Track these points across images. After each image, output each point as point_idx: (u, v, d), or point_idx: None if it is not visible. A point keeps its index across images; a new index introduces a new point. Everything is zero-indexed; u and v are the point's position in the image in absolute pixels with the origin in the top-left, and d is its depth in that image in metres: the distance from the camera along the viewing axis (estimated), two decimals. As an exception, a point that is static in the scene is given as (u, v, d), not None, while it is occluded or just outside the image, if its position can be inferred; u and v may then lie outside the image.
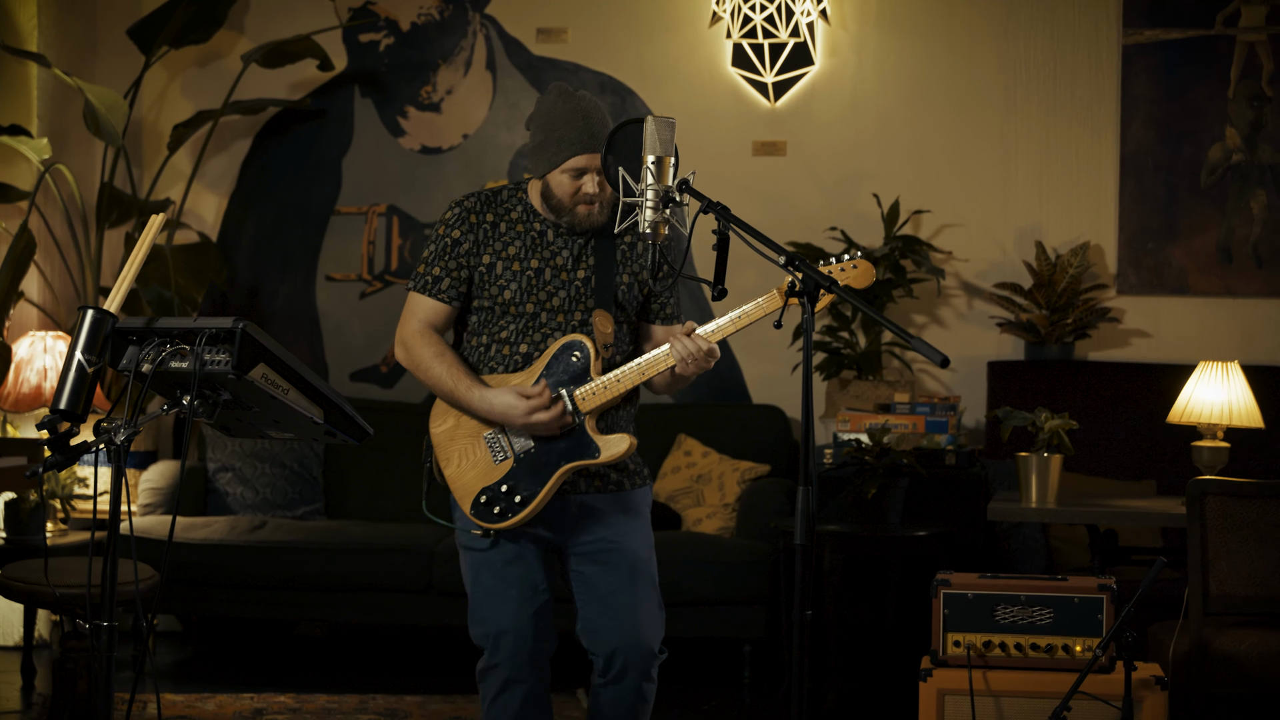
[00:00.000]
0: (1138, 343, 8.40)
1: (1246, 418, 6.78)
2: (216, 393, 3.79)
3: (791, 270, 3.88)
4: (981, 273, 8.49)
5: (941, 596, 5.54)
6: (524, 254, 4.71)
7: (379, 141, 9.00)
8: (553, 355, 4.66)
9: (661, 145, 4.08)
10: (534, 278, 4.70)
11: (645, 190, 4.09)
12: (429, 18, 8.96)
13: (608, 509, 4.77)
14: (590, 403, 4.61)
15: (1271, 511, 5.77)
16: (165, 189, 8.88)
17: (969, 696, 5.40)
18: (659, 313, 4.87)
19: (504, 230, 4.73)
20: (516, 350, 4.70)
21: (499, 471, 4.66)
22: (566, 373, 4.65)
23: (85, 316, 3.73)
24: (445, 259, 4.72)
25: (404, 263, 8.94)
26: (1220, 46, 8.29)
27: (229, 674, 7.72)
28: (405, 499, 8.37)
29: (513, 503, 4.64)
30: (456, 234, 4.72)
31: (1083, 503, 6.84)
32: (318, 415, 3.82)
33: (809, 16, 8.55)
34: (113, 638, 3.69)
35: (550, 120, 4.69)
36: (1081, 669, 5.27)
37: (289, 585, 7.77)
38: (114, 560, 3.69)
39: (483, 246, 4.71)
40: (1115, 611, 5.44)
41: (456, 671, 7.78)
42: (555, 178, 4.66)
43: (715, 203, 4.01)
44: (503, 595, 4.70)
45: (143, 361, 3.75)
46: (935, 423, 7.79)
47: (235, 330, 3.65)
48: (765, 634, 7.57)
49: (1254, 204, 8.27)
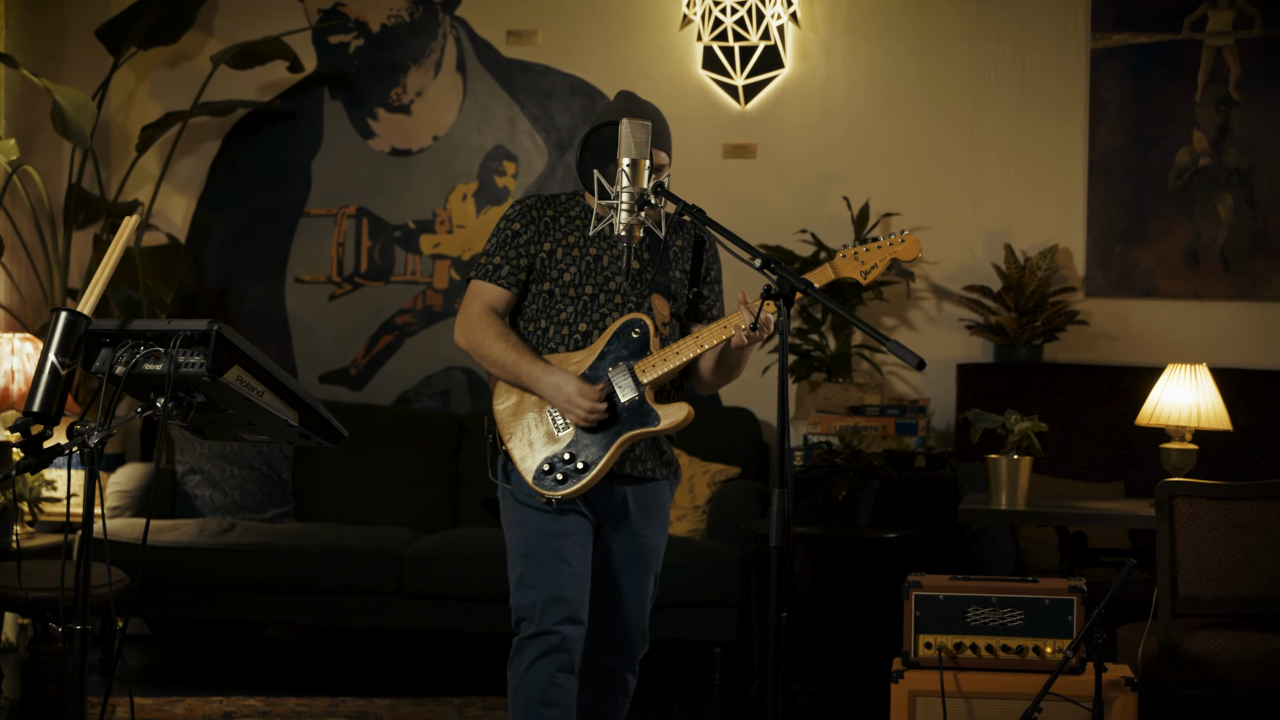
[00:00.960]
0: (1105, 345, 8.43)
1: (1215, 420, 6.80)
2: (190, 395, 3.78)
3: (767, 273, 3.88)
4: (951, 275, 8.51)
5: (913, 598, 5.54)
6: (583, 243, 4.87)
7: (349, 143, 8.98)
8: (614, 332, 4.81)
9: (637, 148, 4.08)
10: (593, 262, 4.85)
11: (620, 193, 4.08)
12: (399, 19, 8.95)
13: (642, 499, 4.93)
14: (650, 374, 4.75)
15: (1240, 513, 5.79)
16: (133, 190, 8.86)
17: (940, 698, 5.41)
18: (706, 314, 5.01)
19: (564, 224, 4.90)
20: (576, 330, 4.84)
21: (562, 441, 4.79)
22: (627, 348, 4.80)
23: (59, 319, 3.71)
24: (505, 249, 4.88)
25: (373, 265, 8.93)
26: (1188, 51, 8.32)
27: (198, 677, 7.70)
28: (375, 501, 8.37)
29: (575, 469, 4.76)
30: (517, 226, 4.89)
31: (1052, 505, 6.86)
32: (292, 418, 3.81)
33: (779, 19, 8.56)
34: (86, 641, 3.68)
35: (608, 111, 4.89)
36: (1052, 670, 5.29)
37: (259, 588, 7.75)
38: (87, 563, 3.68)
39: (543, 235, 4.87)
40: (1086, 613, 5.45)
41: (427, 675, 7.78)
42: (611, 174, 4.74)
43: (691, 205, 4.01)
44: (554, 566, 4.78)
45: (116, 364, 3.73)
46: (905, 425, 7.80)
47: (210, 332, 3.63)
48: (736, 636, 7.57)
49: (1221, 207, 8.30)
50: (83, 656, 3.65)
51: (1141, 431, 7.46)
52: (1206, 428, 6.80)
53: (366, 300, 8.97)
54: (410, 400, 8.88)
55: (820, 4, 8.61)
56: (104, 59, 8.64)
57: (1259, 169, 8.27)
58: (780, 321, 3.87)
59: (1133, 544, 7.64)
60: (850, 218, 8.34)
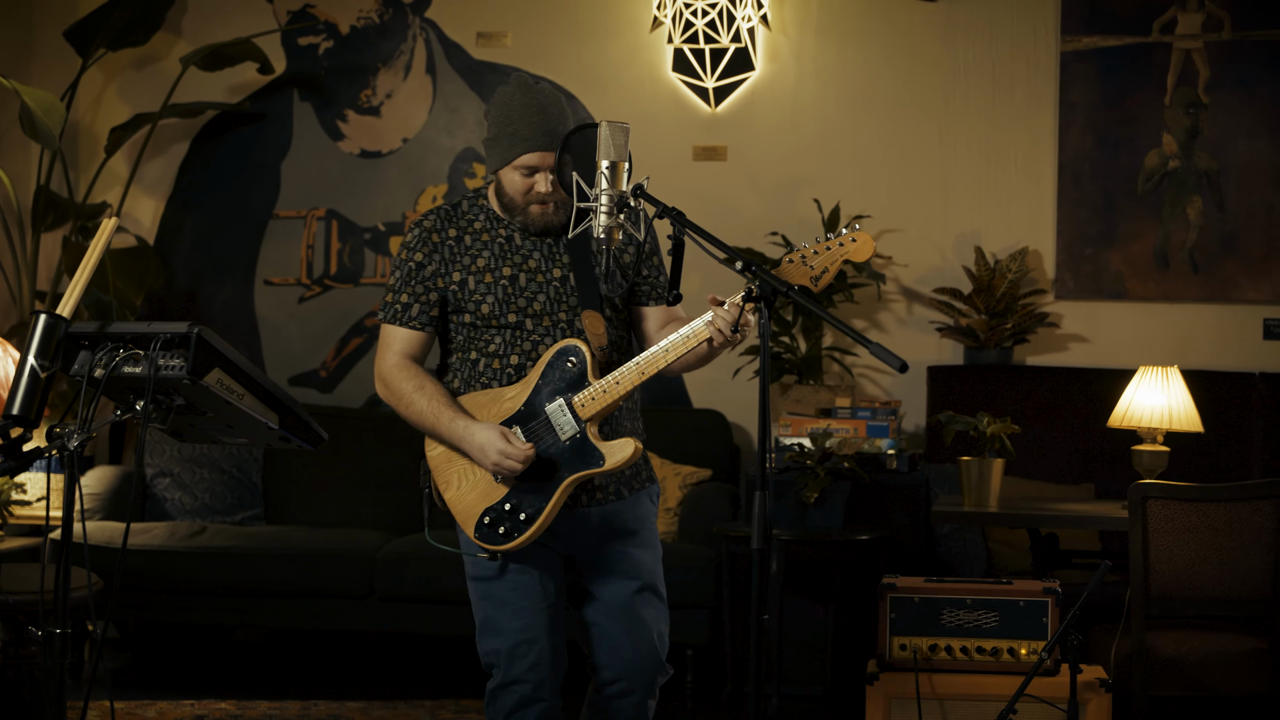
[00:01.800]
0: (1075, 347, 8.46)
1: (1186, 422, 6.83)
2: (170, 398, 3.77)
3: (748, 276, 3.87)
4: (921, 278, 8.52)
5: (888, 600, 5.56)
6: (494, 264, 4.53)
7: (318, 145, 8.96)
8: (547, 363, 4.47)
9: (616, 150, 4.06)
10: (509, 286, 4.51)
11: (600, 195, 4.07)
12: (368, 21, 8.93)
13: (612, 518, 4.61)
14: (590, 409, 4.41)
15: (1212, 515, 5.82)
16: (101, 192, 8.83)
17: (915, 700, 5.42)
18: (651, 294, 4.69)
19: (469, 244, 4.55)
20: (507, 363, 4.52)
21: (501, 491, 4.46)
22: (563, 380, 4.44)
23: (38, 321, 3.70)
24: (412, 284, 4.54)
25: (343, 267, 8.91)
26: (1157, 54, 8.35)
27: (168, 680, 7.67)
28: (345, 504, 8.35)
29: (518, 520, 4.45)
30: (419, 257, 4.54)
31: (1024, 506, 6.88)
32: (273, 420, 3.80)
33: (750, 22, 8.56)
34: (66, 645, 3.66)
35: (506, 114, 4.49)
36: (1026, 672, 5.30)
37: (230, 591, 7.72)
38: (67, 566, 3.67)
39: (450, 265, 4.53)
40: (1060, 614, 5.47)
41: (399, 678, 7.77)
42: (507, 174, 4.49)
43: (671, 208, 4.00)
44: (516, 605, 4.51)
45: (95, 366, 3.71)
46: (876, 427, 7.81)
47: (190, 335, 3.62)
48: (708, 639, 7.56)
49: (1190, 210, 8.33)
50: (63, 660, 3.64)
51: (1111, 433, 7.49)
52: (1178, 430, 6.82)
53: (336, 302, 8.95)
54: (380, 403, 8.83)
55: (790, 7, 8.62)
56: (72, 60, 8.61)
57: (1228, 172, 8.30)
58: (762, 324, 3.86)
59: (1103, 545, 7.68)
60: (821, 220, 8.34)
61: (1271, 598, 5.83)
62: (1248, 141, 8.29)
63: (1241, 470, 7.91)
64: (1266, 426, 8.02)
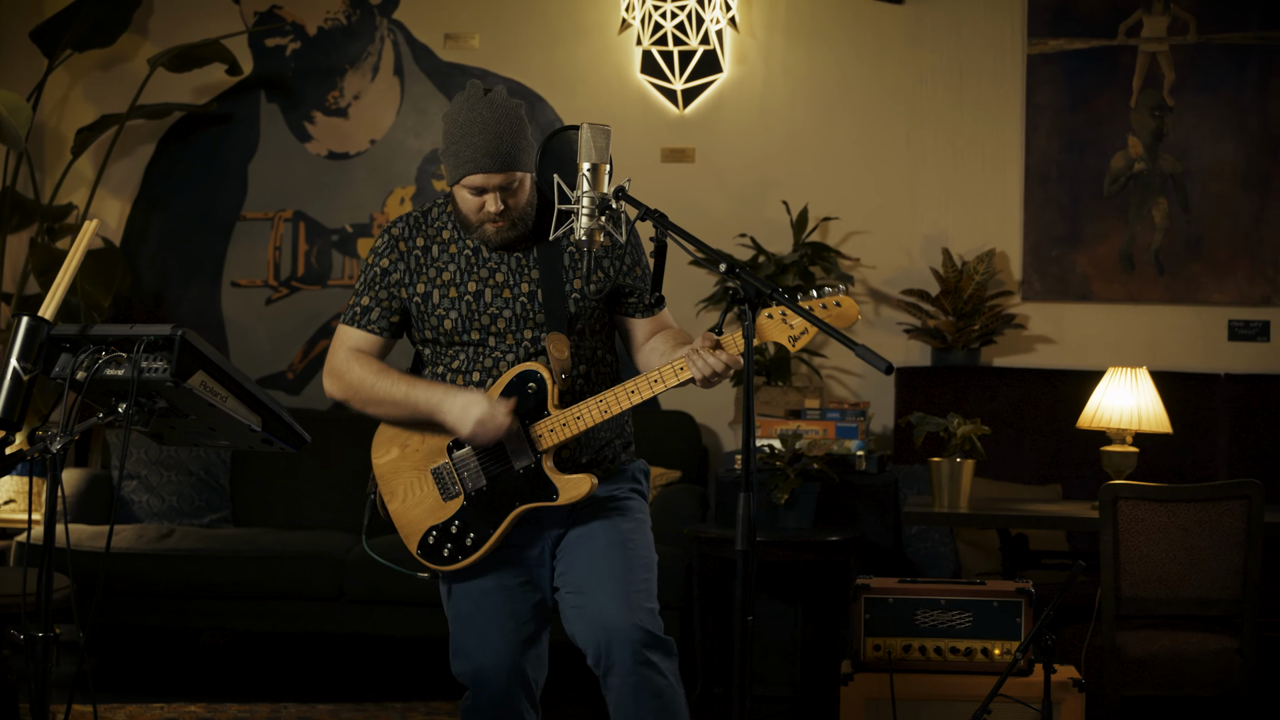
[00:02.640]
0: (1042, 349, 8.49)
1: (1155, 423, 6.86)
2: (152, 400, 3.76)
3: (731, 278, 3.88)
4: (888, 279, 8.55)
5: (862, 601, 5.57)
6: (459, 278, 4.44)
7: (285, 147, 8.94)
8: (507, 384, 4.35)
9: (597, 153, 4.07)
10: (473, 302, 4.41)
11: (581, 198, 4.07)
12: (336, 23, 8.92)
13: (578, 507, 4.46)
14: (548, 440, 4.31)
15: (1182, 515, 5.85)
16: (67, 194, 8.79)
17: (890, 701, 5.44)
18: (638, 306, 4.56)
19: (436, 255, 4.47)
20: (470, 380, 4.41)
21: (448, 510, 4.40)
22: (522, 405, 4.33)
23: (21, 323, 3.69)
24: (375, 288, 4.47)
25: (310, 268, 8.89)
26: (1123, 57, 8.39)
27: (136, 684, 7.64)
28: (313, 507, 8.34)
29: (463, 545, 4.38)
30: (385, 263, 4.46)
31: (993, 507, 6.90)
32: (256, 423, 3.80)
33: (718, 24, 8.58)
34: (49, 649, 3.65)
35: (453, 129, 4.37)
36: (1000, 672, 5.32)
37: (200, 594, 7.69)
38: (49, 570, 3.66)
39: (416, 275, 4.45)
40: (1034, 615, 5.50)
41: (369, 680, 7.76)
42: (459, 192, 4.38)
43: (654, 210, 4.01)
44: (483, 629, 4.41)
45: (77, 369, 3.70)
46: (845, 428, 7.83)
47: (174, 337, 3.61)
48: (679, 640, 7.56)
49: (1156, 212, 8.37)
50: (46, 664, 3.63)
51: (1078, 434, 7.52)
52: (1147, 430, 6.86)
53: (303, 304, 8.93)
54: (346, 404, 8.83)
55: (758, 9, 8.64)
56: (37, 61, 8.57)
57: (1193, 174, 8.35)
58: (746, 327, 3.87)
59: (1070, 546, 7.71)
60: (789, 222, 8.37)
61: (1241, 597, 5.87)
62: (1212, 144, 8.34)
63: (1208, 470, 7.96)
64: (1232, 427, 8.07)
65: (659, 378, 4.27)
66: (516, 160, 4.34)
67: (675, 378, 4.26)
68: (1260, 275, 8.30)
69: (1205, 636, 6.02)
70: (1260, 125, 8.29)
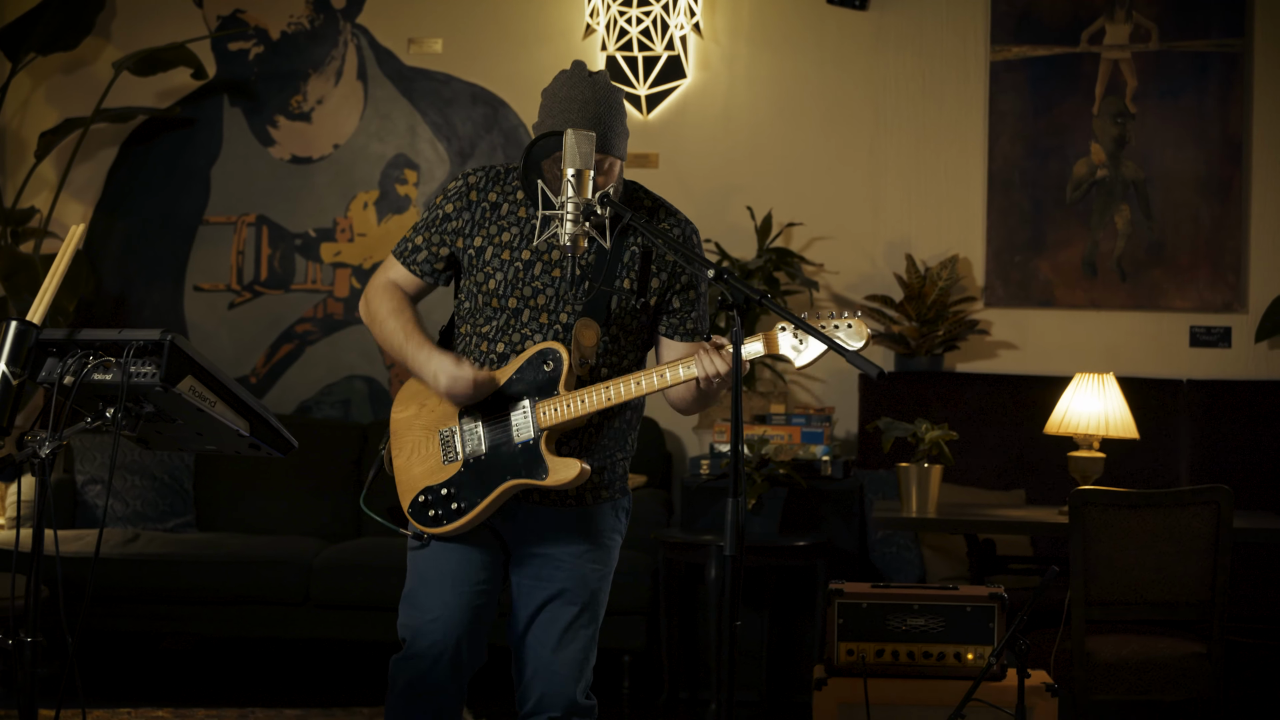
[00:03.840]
0: (1005, 354, 8.53)
1: (1122, 428, 6.90)
2: (140, 405, 3.75)
3: (720, 284, 3.89)
4: (852, 285, 8.58)
5: (836, 606, 5.59)
6: (517, 242, 4.39)
7: (248, 151, 8.92)
8: (526, 360, 4.34)
9: (581, 158, 4.07)
10: (521, 270, 4.38)
11: (565, 203, 4.07)
12: (299, 27, 8.90)
13: (563, 524, 4.46)
14: (549, 419, 4.30)
15: (1151, 520, 5.89)
16: (28, 197, 8.75)
17: (864, 705, 5.46)
18: (678, 327, 4.54)
19: (505, 213, 4.42)
20: (494, 348, 4.40)
21: (444, 473, 4.39)
22: (535, 381, 4.34)
23: (9, 328, 3.67)
24: (430, 230, 4.46)
25: (274, 273, 8.87)
26: (1085, 64, 8.45)
27: (99, 689, 7.60)
28: (276, 511, 8.32)
29: (449, 509, 4.37)
30: (450, 208, 4.44)
31: (961, 513, 6.93)
32: (244, 428, 3.79)
33: (682, 30, 8.59)
34: (36, 653, 3.65)
35: (552, 104, 4.35)
36: (973, 676, 5.35)
37: (165, 598, 7.67)
38: (37, 575, 3.65)
39: (477, 228, 4.42)
40: (1006, 619, 5.53)
41: (335, 684, 7.75)
42: (549, 169, 4.30)
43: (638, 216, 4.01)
44: (436, 582, 4.42)
45: (65, 373, 3.69)
46: (811, 433, 7.86)
47: (163, 342, 3.61)
48: (645, 644, 7.58)
49: (1118, 219, 8.42)
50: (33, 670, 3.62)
51: (1041, 440, 7.56)
52: (1114, 436, 6.90)
53: (266, 308, 8.91)
54: (311, 409, 8.83)
55: (722, 15, 8.66)
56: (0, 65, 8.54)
57: (1155, 181, 8.40)
58: (735, 331, 3.88)
59: (1035, 550, 7.75)
60: (754, 227, 8.39)
61: (1209, 602, 5.91)
62: (1174, 151, 8.40)
63: (1171, 475, 8.01)
64: (1194, 432, 8.12)
65: (664, 373, 4.29)
66: (611, 143, 4.32)
67: (682, 373, 4.29)
68: (1222, 281, 8.36)
69: (1174, 641, 6.06)
70: (1221, 132, 8.35)
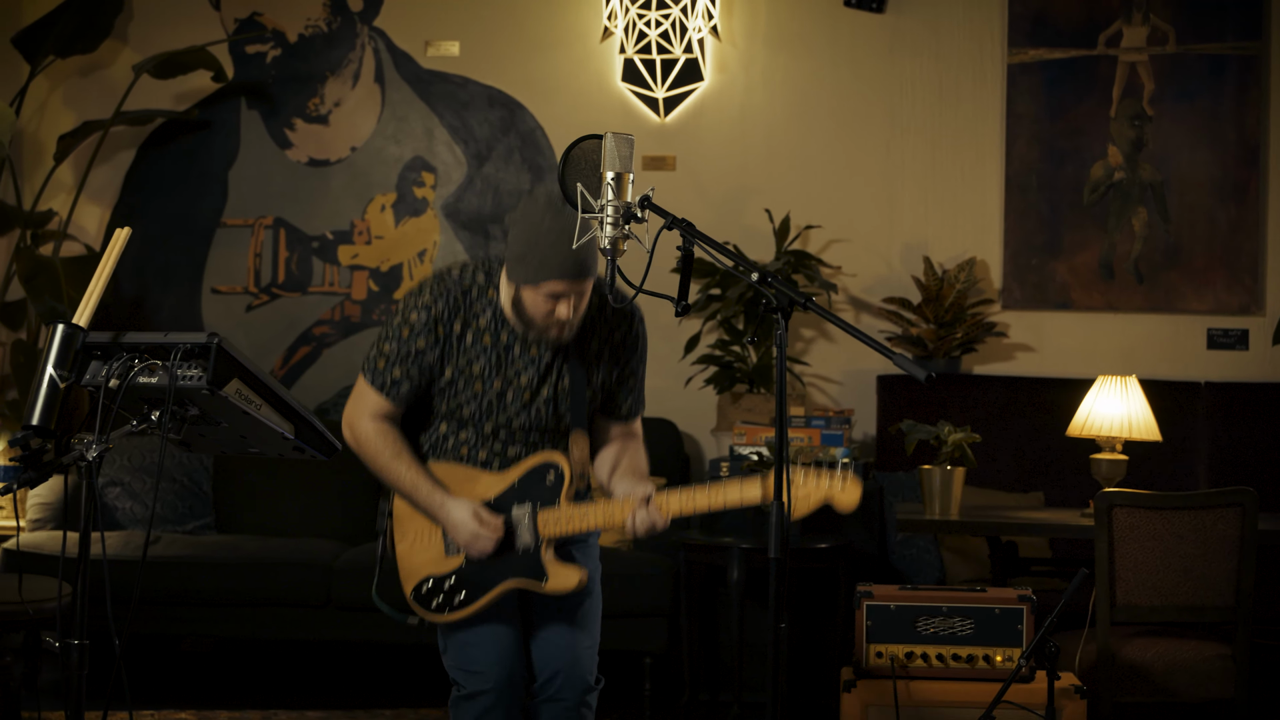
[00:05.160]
0: (1022, 357, 8.54)
1: (1145, 431, 6.91)
2: (184, 408, 3.76)
3: (764, 288, 3.90)
4: (868, 287, 8.59)
5: (864, 608, 5.60)
6: (487, 373, 4.62)
7: (265, 153, 8.93)
8: (530, 469, 4.62)
9: (621, 161, 4.07)
10: (495, 401, 4.63)
11: (605, 206, 4.07)
12: (316, 30, 8.91)
13: None
14: (550, 529, 4.60)
15: (1177, 523, 5.90)
16: (47, 200, 8.75)
17: (893, 707, 5.46)
18: (616, 410, 4.85)
19: (470, 342, 4.61)
20: (476, 455, 4.66)
21: (448, 565, 4.65)
22: (538, 489, 4.62)
23: (56, 331, 3.68)
24: (408, 364, 4.60)
25: (291, 275, 8.88)
26: (1102, 66, 8.46)
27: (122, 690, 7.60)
28: (294, 513, 8.31)
29: (453, 602, 4.64)
30: (421, 343, 4.59)
31: (983, 515, 6.93)
32: (288, 430, 3.80)
33: (700, 33, 8.61)
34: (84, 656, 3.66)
35: (536, 235, 4.48)
36: (1000, 678, 5.36)
37: (187, 601, 7.66)
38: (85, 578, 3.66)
39: (447, 359, 4.61)
40: (1035, 622, 5.53)
41: (357, 686, 7.75)
42: (529, 295, 4.52)
43: (681, 219, 4.02)
44: (480, 640, 4.66)
45: (110, 377, 3.70)
46: (831, 436, 7.86)
47: (210, 345, 3.62)
48: (666, 647, 7.58)
49: (1135, 221, 8.44)
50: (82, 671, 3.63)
51: (1059, 442, 7.57)
52: (1138, 439, 6.90)
53: (283, 311, 8.92)
54: (329, 411, 8.83)
55: (739, 17, 8.67)
56: (17, 67, 8.54)
57: (1172, 183, 8.41)
58: (779, 335, 3.88)
59: (1053, 552, 7.75)
60: (771, 230, 8.40)
61: (1234, 605, 5.92)
62: (1191, 154, 8.41)
63: (1189, 478, 8.02)
64: (1212, 434, 8.13)
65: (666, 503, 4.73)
66: (592, 269, 4.54)
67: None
68: (1238, 284, 8.37)
69: (1199, 644, 6.07)
70: (1238, 135, 8.37)
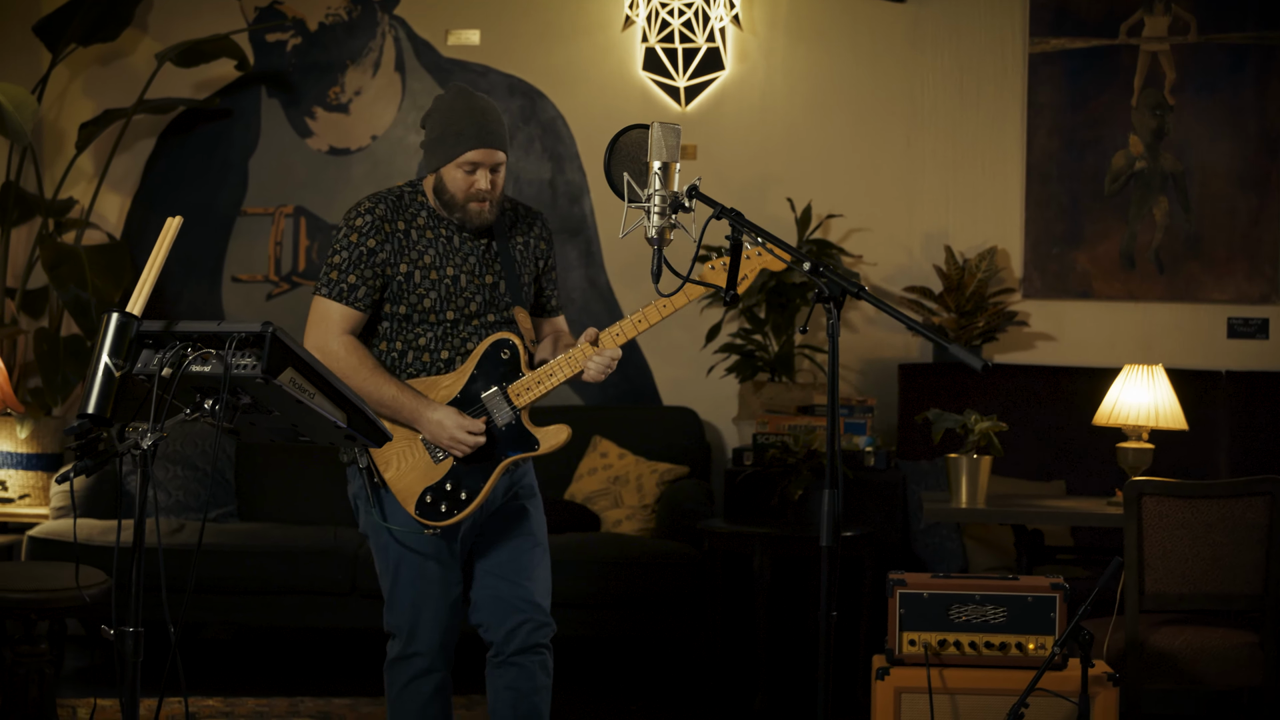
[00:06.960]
0: (1042, 346, 8.56)
1: (1171, 420, 6.93)
2: (237, 397, 3.77)
3: (815, 277, 3.91)
4: (889, 276, 8.60)
5: (898, 596, 5.61)
6: (439, 261, 4.83)
7: (286, 142, 8.94)
8: (482, 354, 4.83)
9: (668, 151, 4.10)
10: (451, 285, 4.83)
11: (652, 196, 4.10)
12: (337, 18, 8.92)
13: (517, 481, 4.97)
14: (525, 397, 4.81)
15: (1206, 511, 5.91)
16: (68, 189, 8.76)
17: (926, 695, 5.48)
18: (545, 305, 5.11)
19: (415, 238, 4.83)
20: (438, 357, 4.85)
21: (440, 471, 4.81)
22: (497, 369, 4.83)
23: (110, 320, 3.69)
24: (361, 268, 4.78)
25: (311, 264, 8.89)
26: (1124, 56, 8.47)
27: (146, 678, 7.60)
28: (316, 501, 8.33)
29: (459, 499, 4.80)
30: (372, 243, 4.79)
31: (1006, 503, 6.95)
32: (341, 419, 3.81)
33: (721, 22, 8.62)
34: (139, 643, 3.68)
35: (448, 115, 4.80)
36: (1034, 666, 5.38)
37: (211, 588, 7.68)
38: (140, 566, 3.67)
39: (399, 256, 4.81)
40: (1068, 610, 5.55)
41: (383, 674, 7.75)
42: (449, 172, 4.78)
43: (730, 209, 4.04)
44: (423, 591, 4.87)
45: (164, 365, 3.71)
46: (854, 424, 7.88)
47: (265, 334, 3.63)
48: (689, 634, 7.60)
49: (1156, 211, 8.45)
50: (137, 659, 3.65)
51: (1081, 431, 7.59)
52: (1164, 427, 6.92)
53: (304, 300, 8.89)
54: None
55: (761, 7, 8.68)
56: (38, 55, 8.55)
57: (1193, 173, 8.43)
58: (831, 324, 3.90)
59: (1075, 541, 7.77)
60: (793, 219, 8.41)
61: (1263, 593, 5.93)
62: (1212, 143, 8.43)
63: (1210, 467, 8.04)
64: (1233, 423, 8.15)
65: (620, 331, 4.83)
66: (505, 143, 4.83)
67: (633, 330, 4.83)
68: (1259, 274, 8.39)
69: (1226, 631, 6.08)
70: (1259, 125, 8.38)
